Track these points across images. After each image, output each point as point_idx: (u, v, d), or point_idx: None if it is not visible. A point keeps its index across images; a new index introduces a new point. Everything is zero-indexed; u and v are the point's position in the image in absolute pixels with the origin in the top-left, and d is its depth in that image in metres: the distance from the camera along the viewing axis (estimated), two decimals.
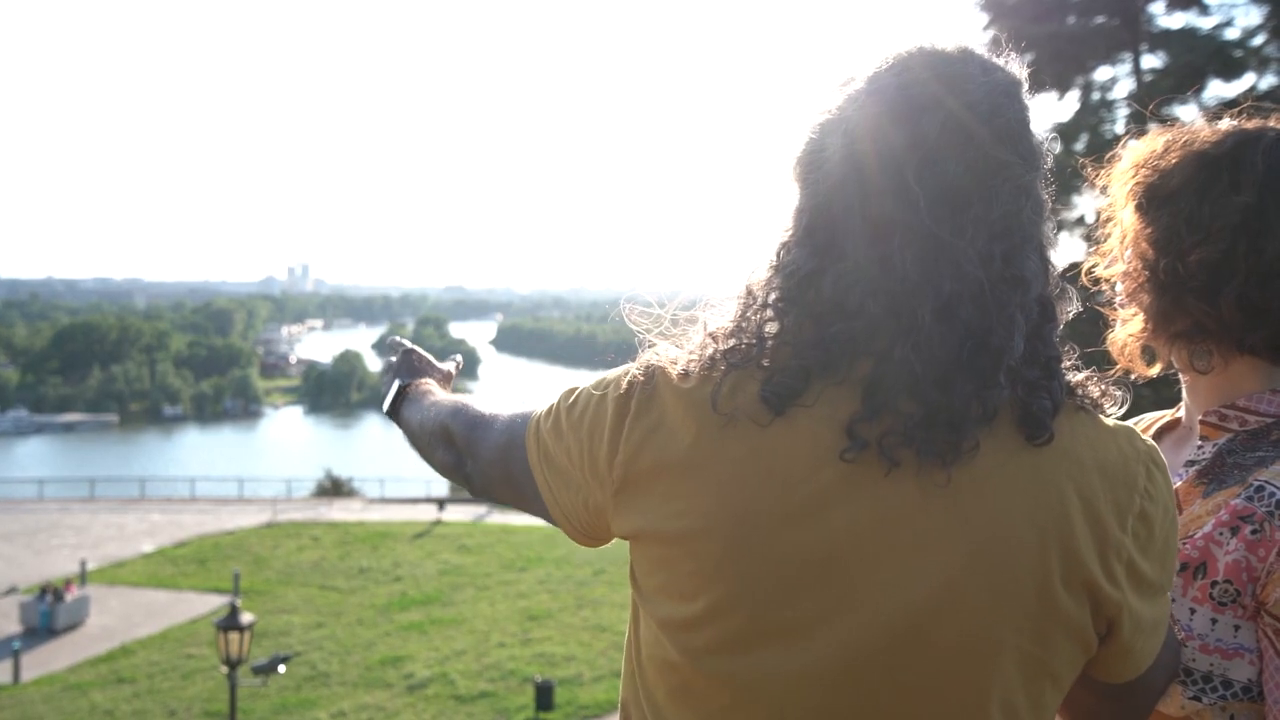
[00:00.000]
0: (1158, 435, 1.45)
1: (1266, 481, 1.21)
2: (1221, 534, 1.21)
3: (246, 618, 14.52)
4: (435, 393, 1.51)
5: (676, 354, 1.07)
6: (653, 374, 1.07)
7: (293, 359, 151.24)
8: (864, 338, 0.99)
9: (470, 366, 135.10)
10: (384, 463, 56.10)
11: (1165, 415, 1.46)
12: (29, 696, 19.34)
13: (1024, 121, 1.05)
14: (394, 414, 1.56)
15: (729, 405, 1.01)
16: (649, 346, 1.11)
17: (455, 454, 1.33)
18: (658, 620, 1.06)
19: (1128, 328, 1.38)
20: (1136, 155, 1.35)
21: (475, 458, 1.29)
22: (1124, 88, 13.23)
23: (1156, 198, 1.31)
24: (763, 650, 1.00)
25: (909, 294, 0.98)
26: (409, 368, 1.62)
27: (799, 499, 0.98)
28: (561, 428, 1.12)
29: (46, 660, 21.27)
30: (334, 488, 43.17)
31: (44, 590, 23.60)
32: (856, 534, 0.98)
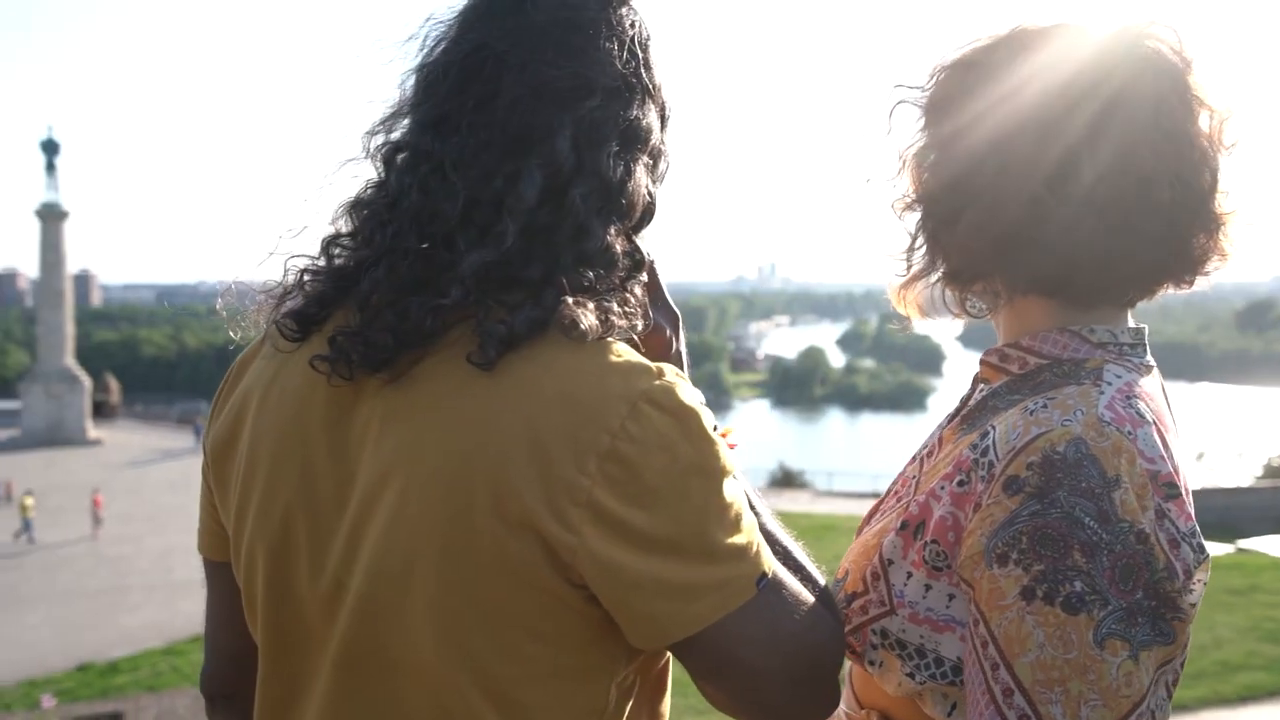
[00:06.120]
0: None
1: (994, 426, 1.02)
2: (942, 488, 1.04)
3: None
4: None
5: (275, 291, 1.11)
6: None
7: (759, 354, 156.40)
8: (368, 263, 1.00)
9: (934, 362, 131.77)
10: (835, 456, 57.05)
11: None
12: None
13: (587, 34, 1.00)
14: None
15: (270, 334, 1.08)
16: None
17: None
18: None
19: (898, 267, 1.20)
20: (926, 71, 1.16)
21: None
22: None
23: (929, 113, 1.14)
24: (274, 569, 1.03)
25: (404, 216, 0.98)
26: None
27: (299, 418, 1.02)
28: None
29: None
30: (786, 479, 44.39)
31: None
32: (339, 454, 1.00)
